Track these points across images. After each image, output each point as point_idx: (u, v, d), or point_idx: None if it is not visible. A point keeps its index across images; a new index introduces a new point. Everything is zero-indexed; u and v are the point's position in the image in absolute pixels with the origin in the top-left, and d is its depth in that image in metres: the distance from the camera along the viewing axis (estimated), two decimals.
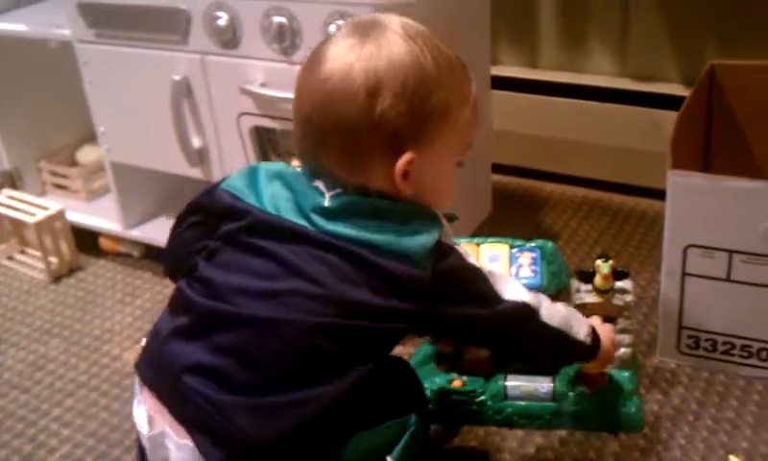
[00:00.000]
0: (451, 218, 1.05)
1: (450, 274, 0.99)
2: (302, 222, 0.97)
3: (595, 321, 1.21)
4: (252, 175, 1.05)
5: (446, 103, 0.99)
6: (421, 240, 0.97)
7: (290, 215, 0.98)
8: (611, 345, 1.21)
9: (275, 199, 1.00)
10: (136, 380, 1.03)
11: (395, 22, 0.99)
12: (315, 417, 0.93)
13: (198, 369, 0.94)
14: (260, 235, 0.99)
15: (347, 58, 0.95)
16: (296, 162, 1.06)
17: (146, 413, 0.99)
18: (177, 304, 1.02)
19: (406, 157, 0.97)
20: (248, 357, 0.93)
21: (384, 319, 0.96)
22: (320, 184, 0.99)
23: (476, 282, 1.03)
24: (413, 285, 0.96)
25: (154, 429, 0.97)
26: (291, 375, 0.93)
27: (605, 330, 1.22)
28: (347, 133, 0.96)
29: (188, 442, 0.94)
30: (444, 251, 0.98)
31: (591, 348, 1.17)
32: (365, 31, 0.97)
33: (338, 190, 0.98)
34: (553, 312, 1.10)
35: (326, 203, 0.97)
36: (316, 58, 0.99)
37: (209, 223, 1.07)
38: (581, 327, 1.15)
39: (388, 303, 0.95)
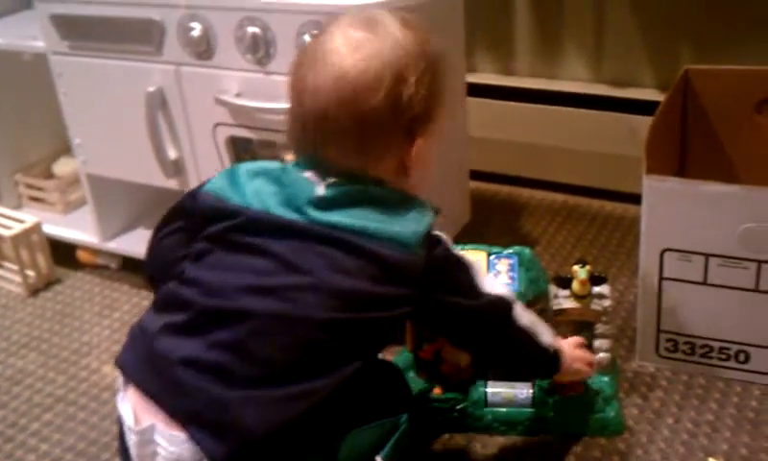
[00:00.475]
0: (437, 211, 1.07)
1: (440, 261, 1.03)
2: (293, 215, 0.98)
3: (561, 340, 1.22)
4: (232, 175, 1.06)
5: (442, 87, 1.04)
6: (416, 227, 1.00)
7: (279, 210, 0.99)
8: (572, 361, 1.22)
9: (260, 195, 1.01)
10: (120, 379, 1.03)
11: (389, 16, 1.02)
12: (313, 408, 0.94)
13: (195, 363, 0.94)
14: (252, 233, 0.99)
15: (363, 51, 0.98)
16: (290, 157, 1.07)
17: (131, 409, 0.98)
18: (167, 303, 1.02)
19: (421, 140, 1.02)
20: (247, 352, 0.94)
21: (382, 307, 0.98)
22: (311, 175, 1.01)
23: (462, 273, 1.06)
24: (408, 271, 0.98)
25: (141, 425, 0.97)
26: (291, 368, 0.94)
27: (569, 346, 1.23)
28: (369, 122, 0.98)
29: (180, 434, 0.93)
30: (434, 239, 1.02)
31: (553, 358, 1.18)
32: (369, 25, 1.00)
33: (332, 179, 1.00)
34: (523, 311, 1.13)
35: (321, 192, 0.99)
36: (321, 55, 1.00)
37: (192, 227, 1.07)
38: (545, 335, 1.17)
39: (386, 291, 0.98)
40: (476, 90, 1.97)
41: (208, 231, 1.03)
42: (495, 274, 1.34)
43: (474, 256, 1.36)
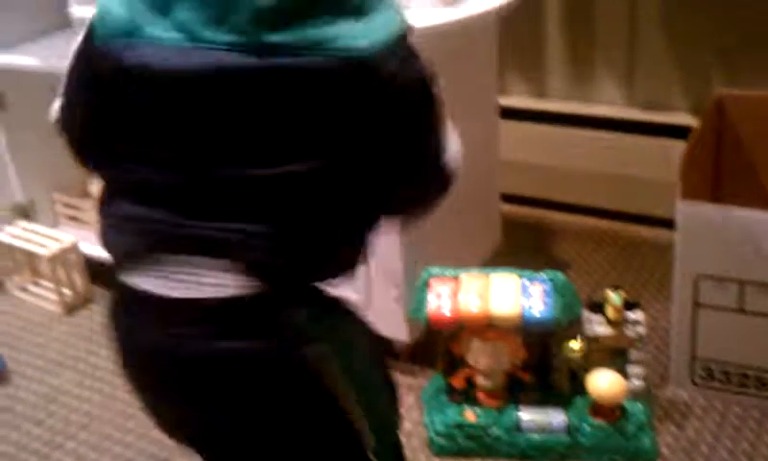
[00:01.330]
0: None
1: (416, 82, 0.81)
2: (227, 37, 0.75)
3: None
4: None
5: None
6: (388, 27, 0.79)
7: (208, 35, 0.76)
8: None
9: (179, 22, 0.78)
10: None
11: None
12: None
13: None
14: (157, 87, 0.80)
15: None
16: None
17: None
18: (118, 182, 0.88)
19: None
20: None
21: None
22: None
23: (431, 117, 0.83)
24: (376, 83, 0.77)
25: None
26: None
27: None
28: None
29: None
30: (412, 51, 0.80)
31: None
32: None
33: None
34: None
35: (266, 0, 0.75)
36: None
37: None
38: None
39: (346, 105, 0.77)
40: (508, 113, 1.98)
41: (114, 90, 0.83)
42: (529, 298, 1.33)
43: (506, 280, 1.36)
